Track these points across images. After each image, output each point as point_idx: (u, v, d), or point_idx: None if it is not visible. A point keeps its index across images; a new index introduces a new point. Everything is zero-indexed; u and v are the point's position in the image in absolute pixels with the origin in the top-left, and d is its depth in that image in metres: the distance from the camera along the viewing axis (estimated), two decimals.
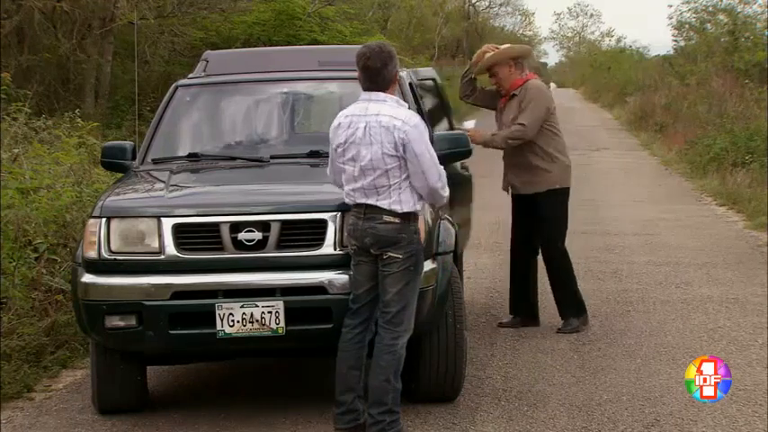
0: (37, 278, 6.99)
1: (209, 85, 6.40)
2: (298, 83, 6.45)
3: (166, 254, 4.97)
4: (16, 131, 9.93)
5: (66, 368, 6.32)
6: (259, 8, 19.87)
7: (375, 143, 4.72)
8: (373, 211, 4.75)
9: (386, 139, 4.71)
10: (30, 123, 10.61)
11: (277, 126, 6.30)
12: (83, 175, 8.98)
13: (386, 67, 4.78)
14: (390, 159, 4.71)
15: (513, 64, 6.70)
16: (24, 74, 15.29)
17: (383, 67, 4.78)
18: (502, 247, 10.00)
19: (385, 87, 4.81)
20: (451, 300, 5.30)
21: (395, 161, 4.72)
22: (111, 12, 17.09)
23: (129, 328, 4.95)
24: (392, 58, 4.82)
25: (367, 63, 4.79)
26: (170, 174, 5.60)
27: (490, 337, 6.75)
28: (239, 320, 4.90)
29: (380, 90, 4.80)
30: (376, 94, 4.80)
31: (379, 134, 4.72)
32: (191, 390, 5.96)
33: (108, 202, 5.17)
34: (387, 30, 31.03)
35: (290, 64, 6.62)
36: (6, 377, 5.82)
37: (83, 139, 10.41)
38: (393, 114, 4.74)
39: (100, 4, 16.94)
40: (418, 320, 4.91)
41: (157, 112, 6.24)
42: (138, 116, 12.39)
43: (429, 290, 5.06)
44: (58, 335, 6.53)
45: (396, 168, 4.73)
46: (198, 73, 6.54)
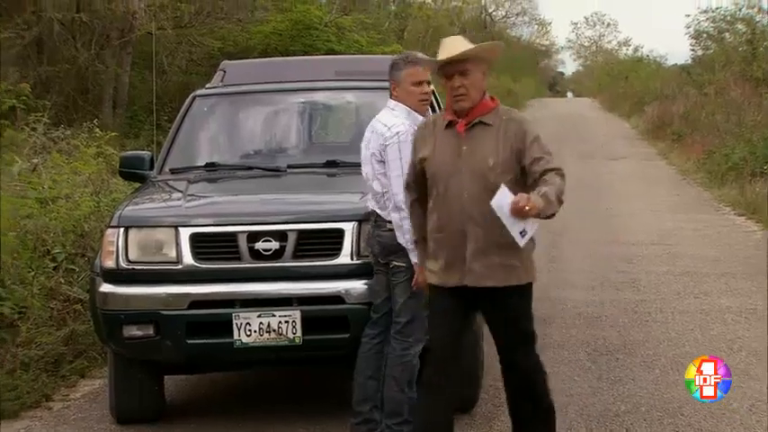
0: (55, 288, 7.01)
1: (226, 95, 6.42)
2: (315, 93, 6.46)
3: (184, 263, 4.98)
4: (35, 141, 9.98)
5: (84, 377, 6.34)
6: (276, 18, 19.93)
7: (370, 149, 4.80)
8: (378, 219, 4.79)
9: (374, 144, 4.78)
10: (49, 133, 10.67)
11: (294, 136, 6.31)
12: (101, 185, 9.02)
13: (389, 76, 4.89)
14: (378, 165, 4.76)
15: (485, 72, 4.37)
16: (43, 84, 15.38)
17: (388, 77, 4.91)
18: None
19: (390, 95, 4.89)
20: None
21: (382, 167, 4.75)
22: (129, 22, 17.17)
23: (146, 337, 4.96)
24: (391, 67, 4.88)
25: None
26: (188, 183, 5.61)
27: None
28: (256, 330, 4.90)
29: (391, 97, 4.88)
30: (388, 101, 4.89)
31: (373, 140, 4.80)
32: (208, 399, 5.97)
33: (126, 211, 5.19)
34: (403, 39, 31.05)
35: (307, 74, 6.64)
36: (25, 386, 5.84)
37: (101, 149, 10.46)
38: (384, 121, 4.81)
39: (118, 14, 17.02)
40: None
41: (175, 122, 6.27)
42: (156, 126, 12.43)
43: None
44: (77, 344, 6.55)
45: (383, 175, 4.76)
46: (215, 83, 6.57)
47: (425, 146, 4.33)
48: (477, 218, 4.18)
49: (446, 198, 4.24)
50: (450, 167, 4.24)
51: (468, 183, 4.20)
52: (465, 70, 4.22)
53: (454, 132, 4.27)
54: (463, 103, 4.23)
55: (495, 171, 4.18)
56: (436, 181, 4.27)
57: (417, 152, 4.37)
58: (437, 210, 4.29)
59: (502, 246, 4.15)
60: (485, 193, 4.12)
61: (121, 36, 17.41)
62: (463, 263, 4.21)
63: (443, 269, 4.27)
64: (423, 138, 4.38)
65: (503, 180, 4.13)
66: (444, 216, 4.25)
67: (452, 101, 4.27)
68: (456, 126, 4.28)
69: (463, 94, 4.23)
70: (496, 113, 4.29)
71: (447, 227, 4.25)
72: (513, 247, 4.09)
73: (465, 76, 4.22)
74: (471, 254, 4.20)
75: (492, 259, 4.20)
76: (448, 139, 4.28)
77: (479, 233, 4.18)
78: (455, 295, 4.25)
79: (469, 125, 4.26)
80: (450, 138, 4.28)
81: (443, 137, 4.30)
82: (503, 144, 4.23)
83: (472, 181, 4.19)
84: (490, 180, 4.16)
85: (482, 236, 4.18)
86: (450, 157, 4.25)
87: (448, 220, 4.24)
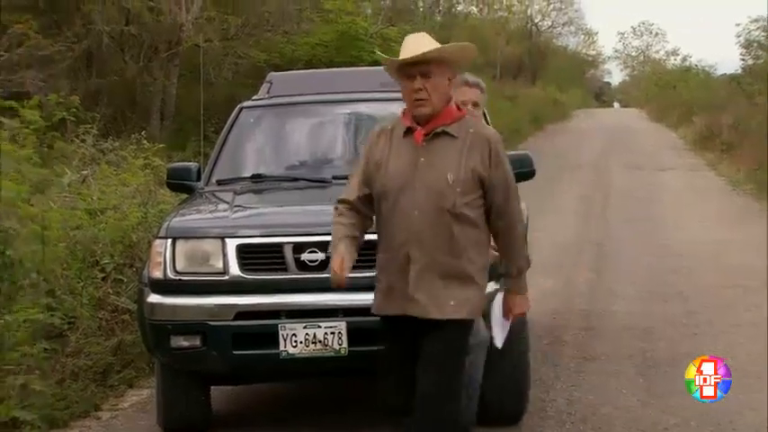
0: (104, 298, 7.08)
1: (272, 106, 6.45)
2: (360, 104, 6.46)
3: (230, 274, 5.00)
4: (84, 153, 10.10)
5: (131, 387, 6.39)
6: (322, 30, 20.02)
7: None
8: None
9: None
10: (98, 145, 10.79)
11: (340, 147, 6.32)
12: (148, 196, 9.10)
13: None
14: None
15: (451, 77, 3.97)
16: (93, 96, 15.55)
17: None
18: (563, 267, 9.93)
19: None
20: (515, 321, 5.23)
21: None
22: (177, 35, 17.34)
23: (193, 348, 4.98)
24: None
25: None
26: (234, 194, 5.64)
27: (554, 359, 6.68)
28: (302, 341, 4.91)
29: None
30: None
31: None
32: (254, 410, 5.98)
33: (173, 222, 5.23)
34: None
35: (353, 85, 6.65)
36: (74, 396, 5.90)
37: (148, 161, 10.56)
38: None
39: (166, 27, 17.21)
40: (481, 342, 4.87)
41: (222, 134, 6.31)
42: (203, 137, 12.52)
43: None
44: (124, 354, 6.61)
45: None
46: (262, 94, 6.61)
47: (378, 153, 3.86)
48: (426, 241, 3.72)
49: (393, 214, 3.77)
50: (403, 180, 3.75)
51: (421, 200, 3.73)
52: (427, 72, 3.77)
53: (412, 141, 3.80)
54: (423, 109, 3.77)
55: (454, 189, 3.72)
56: (385, 194, 3.79)
57: (368, 160, 3.89)
58: (382, 227, 3.83)
59: (450, 274, 3.74)
60: (438, 213, 3.71)
61: (169, 48, 17.59)
62: (406, 290, 3.76)
63: (384, 295, 3.85)
64: (376, 144, 3.90)
65: (461, 201, 3.72)
66: (389, 235, 3.79)
67: (411, 105, 3.81)
68: (414, 134, 3.81)
69: (424, 99, 3.76)
70: (463, 125, 3.83)
71: (391, 247, 3.79)
72: (461, 278, 3.73)
73: (427, 78, 3.77)
74: (414, 280, 3.74)
75: (436, 289, 3.75)
76: (404, 147, 3.81)
77: (426, 258, 3.73)
78: (398, 325, 3.85)
79: (430, 134, 3.79)
80: (406, 147, 3.81)
81: (399, 145, 3.83)
82: (466, 160, 3.74)
83: (426, 198, 3.72)
84: (447, 199, 3.72)
85: (428, 262, 3.73)
86: (404, 169, 3.77)
87: (392, 239, 3.78)
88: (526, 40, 50.28)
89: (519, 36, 48.90)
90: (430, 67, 3.78)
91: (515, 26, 48.83)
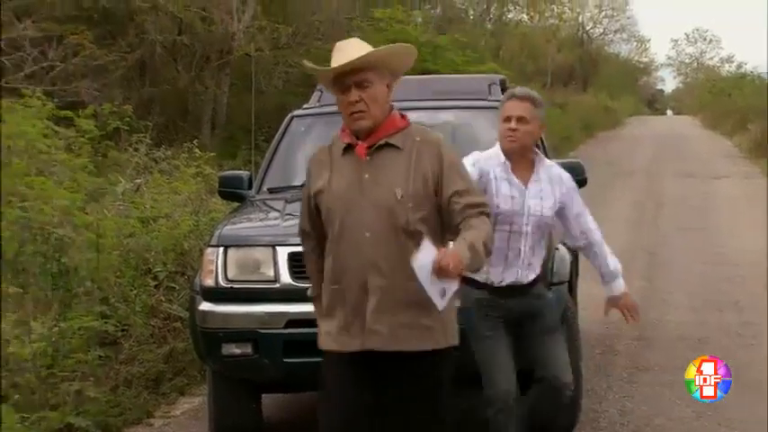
0: (156, 306, 7.14)
1: (323, 114, 6.46)
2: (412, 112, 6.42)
3: (281, 282, 5.01)
4: (138, 162, 10.21)
5: (183, 395, 6.43)
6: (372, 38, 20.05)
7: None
8: None
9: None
10: (150, 154, 10.90)
11: None
12: (200, 204, 9.17)
13: None
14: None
15: (391, 83, 3.55)
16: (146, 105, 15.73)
17: None
18: None
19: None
20: (566, 331, 5.20)
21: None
22: (228, 44, 17.49)
23: (244, 355, 5.00)
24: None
25: None
26: (285, 203, 5.66)
27: (606, 369, 6.62)
28: None
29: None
30: None
31: None
32: (305, 418, 5.99)
33: (225, 231, 5.25)
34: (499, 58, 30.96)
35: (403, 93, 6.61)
36: (128, 403, 5.96)
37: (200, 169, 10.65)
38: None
39: (218, 37, 17.36)
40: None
41: (273, 143, 6.34)
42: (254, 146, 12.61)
43: None
44: (176, 362, 6.66)
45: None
46: (313, 103, 6.63)
47: (321, 176, 3.49)
48: (382, 265, 3.35)
49: (342, 239, 3.39)
50: (349, 201, 3.39)
51: (370, 220, 3.36)
52: (363, 81, 3.39)
53: (354, 158, 3.43)
54: (362, 122, 3.40)
55: (405, 205, 3.35)
56: (331, 218, 3.43)
57: (311, 185, 3.52)
58: (332, 255, 3.44)
59: (412, 301, 3.32)
60: (391, 233, 3.34)
61: (220, 58, 17.74)
62: (364, 322, 3.36)
63: (340, 330, 3.42)
64: (318, 166, 3.53)
65: (414, 217, 3.35)
66: (340, 262, 3.41)
67: (348, 120, 3.43)
68: (356, 149, 3.43)
69: (362, 111, 3.38)
70: (407, 134, 3.45)
71: (344, 276, 3.40)
72: (424, 304, 3.27)
73: (363, 88, 3.39)
74: (373, 311, 3.35)
75: (400, 318, 3.35)
76: (346, 166, 3.44)
77: (384, 285, 3.35)
78: (356, 363, 3.39)
79: (373, 148, 3.42)
80: (348, 165, 3.44)
81: (341, 164, 3.46)
82: (414, 172, 3.38)
83: (376, 218, 3.35)
84: (399, 217, 3.34)
85: (387, 288, 3.34)
86: (348, 189, 3.40)
87: (344, 267, 3.39)
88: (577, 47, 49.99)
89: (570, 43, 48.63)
90: (365, 74, 3.39)
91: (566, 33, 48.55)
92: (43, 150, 7.02)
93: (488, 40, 32.70)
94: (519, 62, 35.58)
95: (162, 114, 16.23)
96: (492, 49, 32.21)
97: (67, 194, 6.73)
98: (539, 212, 4.31)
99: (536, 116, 4.32)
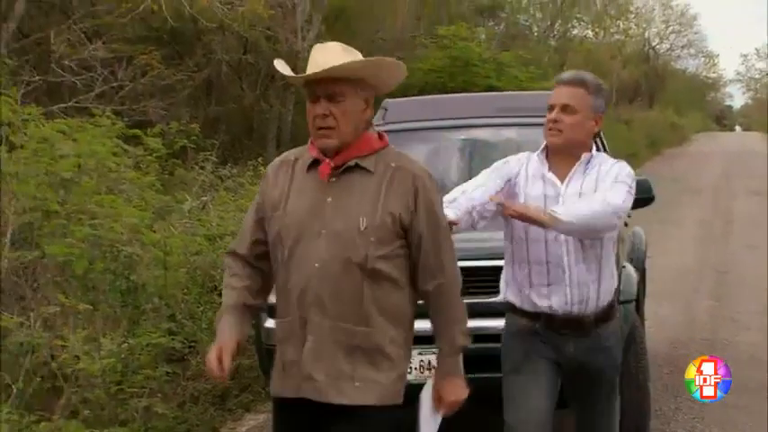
0: None
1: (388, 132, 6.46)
2: (475, 129, 6.45)
3: None
4: (204, 180, 10.32)
5: (249, 411, 6.47)
6: (435, 55, 20.09)
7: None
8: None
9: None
10: (216, 172, 11.02)
11: (455, 172, 6.31)
12: None
13: None
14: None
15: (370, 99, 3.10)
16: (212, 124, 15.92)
17: None
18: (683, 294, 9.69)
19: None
20: (634, 350, 5.14)
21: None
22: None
23: None
24: None
25: None
26: None
27: (675, 390, 6.51)
28: (416, 367, 4.89)
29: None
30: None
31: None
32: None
33: None
34: None
35: (468, 110, 6.64)
36: (194, 419, 6.00)
37: None
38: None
39: (283, 55, 17.52)
40: None
41: None
42: None
43: None
44: (242, 378, 6.70)
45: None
46: (377, 120, 6.65)
47: (276, 190, 3.04)
48: (327, 302, 2.90)
49: (289, 268, 2.96)
50: (303, 225, 2.94)
51: (325, 250, 2.91)
52: (335, 94, 2.94)
53: (317, 176, 2.99)
54: (327, 141, 2.95)
55: (367, 238, 2.91)
56: (281, 241, 2.98)
57: (264, 198, 3.08)
58: (278, 284, 3.04)
59: (356, 347, 2.92)
60: (345, 268, 2.90)
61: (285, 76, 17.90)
62: (301, 365, 2.95)
63: (280, 371, 3.03)
64: (275, 178, 3.08)
65: (375, 253, 2.90)
66: (284, 294, 3.00)
67: (313, 134, 3.00)
68: (319, 168, 2.98)
69: (330, 128, 2.94)
70: (383, 157, 3.00)
71: (287, 310, 3.00)
72: (371, 352, 2.92)
73: (335, 102, 2.94)
74: (310, 354, 2.93)
75: (340, 366, 2.92)
76: (308, 184, 3.00)
77: (325, 326, 2.91)
78: (297, 411, 2.99)
79: (340, 168, 2.97)
80: (311, 183, 3.00)
81: (303, 180, 3.02)
82: (385, 201, 2.93)
83: (331, 248, 2.91)
84: (357, 250, 2.90)
85: (329, 330, 2.91)
86: (305, 210, 2.95)
87: (289, 300, 2.98)
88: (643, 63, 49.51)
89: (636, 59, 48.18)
90: (338, 86, 2.94)
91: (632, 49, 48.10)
92: (113, 169, 7.13)
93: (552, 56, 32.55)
94: None
95: (227, 132, 16.39)
96: (556, 65, 32.02)
97: (136, 212, 6.82)
98: None
99: (587, 105, 3.57)
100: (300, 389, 2.95)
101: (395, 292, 2.99)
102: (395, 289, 2.99)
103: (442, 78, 19.45)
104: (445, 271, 3.02)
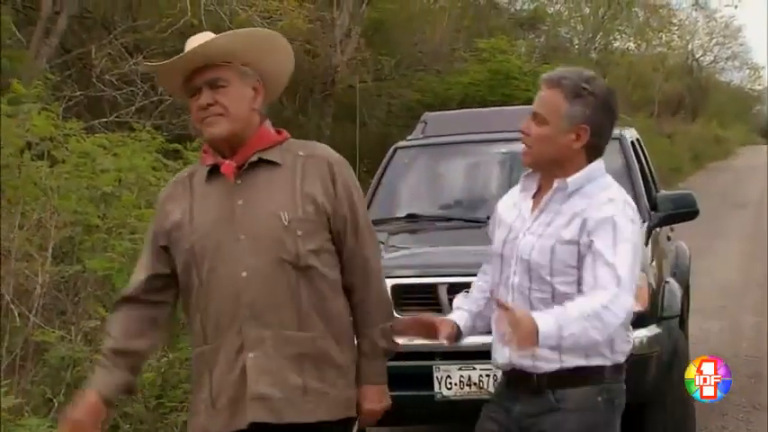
0: None
1: (427, 146, 6.45)
2: (516, 143, 6.33)
3: None
4: None
5: None
6: (475, 68, 20.05)
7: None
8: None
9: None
10: None
11: (495, 186, 6.25)
12: None
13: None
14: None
15: (258, 87, 2.82)
16: None
17: None
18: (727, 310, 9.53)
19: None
20: (678, 367, 5.05)
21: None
22: (331, 76, 17.69)
23: None
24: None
25: None
26: (388, 235, 5.65)
27: (721, 408, 6.39)
28: (456, 383, 4.85)
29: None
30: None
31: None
32: None
33: None
34: None
35: (508, 124, 6.56)
36: None
37: None
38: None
39: (322, 69, 17.57)
40: (643, 389, 4.70)
41: (377, 174, 6.35)
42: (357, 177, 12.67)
43: (653, 356, 4.85)
44: None
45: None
46: (417, 134, 6.63)
47: (175, 211, 2.75)
48: (264, 311, 2.63)
49: (211, 286, 2.67)
50: (218, 236, 2.66)
51: (249, 255, 2.64)
52: (216, 80, 2.68)
53: (221, 183, 2.72)
54: (215, 128, 2.68)
55: (293, 232, 2.66)
56: (196, 262, 2.69)
57: (161, 223, 2.78)
58: (198, 310, 2.71)
59: (303, 356, 2.65)
60: (277, 269, 2.65)
61: (324, 89, 17.95)
62: (243, 388, 2.62)
63: (211, 405, 2.68)
64: (170, 202, 2.79)
65: (305, 248, 2.66)
66: (208, 316, 2.68)
67: (202, 128, 2.73)
68: (222, 169, 2.71)
69: (219, 114, 2.67)
70: (288, 148, 2.77)
71: (214, 334, 2.67)
72: (318, 361, 2.68)
73: (217, 88, 2.67)
74: (255, 371, 2.62)
75: (289, 378, 2.65)
76: (213, 193, 2.73)
77: (267, 337, 2.63)
78: None
79: (244, 166, 2.71)
80: (215, 192, 2.73)
81: (205, 193, 2.74)
82: (302, 191, 2.70)
83: (256, 251, 2.65)
84: (286, 247, 2.65)
85: (271, 341, 2.62)
86: (217, 221, 2.68)
87: (216, 321, 2.66)
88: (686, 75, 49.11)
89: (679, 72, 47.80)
90: (218, 72, 2.67)
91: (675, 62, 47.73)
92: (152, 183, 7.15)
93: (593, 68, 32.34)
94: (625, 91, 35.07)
95: None
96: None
97: None
98: (527, 255, 2.77)
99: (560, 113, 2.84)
100: (244, 416, 2.63)
101: (331, 293, 2.76)
102: (330, 290, 2.75)
103: (481, 92, 19.40)
104: (367, 264, 2.83)
